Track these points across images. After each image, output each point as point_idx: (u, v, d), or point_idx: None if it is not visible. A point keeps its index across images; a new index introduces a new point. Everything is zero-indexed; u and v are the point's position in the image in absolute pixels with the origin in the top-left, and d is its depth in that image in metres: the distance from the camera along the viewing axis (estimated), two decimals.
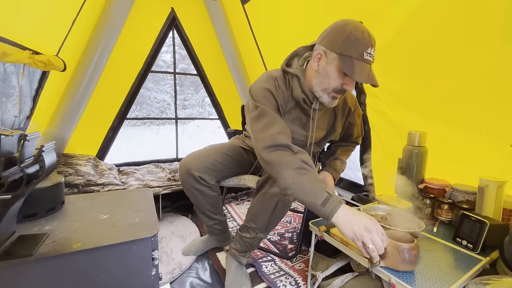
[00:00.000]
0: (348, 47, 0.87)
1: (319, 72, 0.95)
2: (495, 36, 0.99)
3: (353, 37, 0.87)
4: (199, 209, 1.29)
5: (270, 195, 0.99)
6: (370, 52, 0.89)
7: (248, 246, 1.13)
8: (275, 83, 1.00)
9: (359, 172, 1.84)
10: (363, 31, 0.88)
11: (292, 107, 1.05)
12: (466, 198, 1.11)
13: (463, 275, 0.76)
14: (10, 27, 1.27)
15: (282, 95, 1.00)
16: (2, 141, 0.63)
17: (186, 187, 1.22)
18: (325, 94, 0.97)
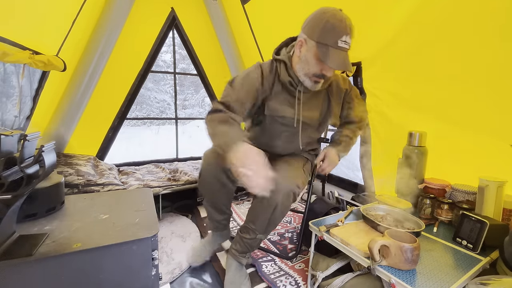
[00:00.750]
0: (325, 35, 0.94)
1: (301, 58, 1.05)
2: (495, 35, 0.99)
3: (330, 25, 0.93)
4: (214, 203, 1.21)
5: (270, 197, 0.99)
6: (345, 40, 0.95)
7: (248, 247, 1.14)
8: (258, 71, 1.10)
9: (359, 172, 1.84)
10: (340, 19, 0.94)
11: (280, 90, 1.14)
12: (466, 198, 1.11)
13: (463, 275, 0.76)
14: (10, 27, 1.27)
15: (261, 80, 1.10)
16: (2, 141, 0.63)
17: (209, 178, 1.13)
18: (307, 79, 1.07)
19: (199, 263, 1.28)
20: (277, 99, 1.14)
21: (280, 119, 1.17)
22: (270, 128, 1.20)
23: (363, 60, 1.54)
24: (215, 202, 1.22)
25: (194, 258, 1.29)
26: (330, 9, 0.96)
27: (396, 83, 1.42)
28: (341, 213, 1.21)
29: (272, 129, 1.20)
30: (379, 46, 1.42)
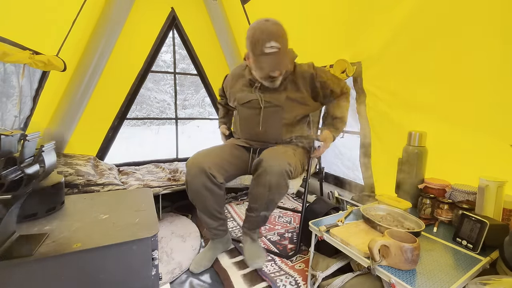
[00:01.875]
0: (253, 47, 1.15)
1: (252, 67, 1.26)
2: (495, 35, 0.99)
3: (255, 39, 1.13)
4: (206, 210, 1.26)
5: (262, 179, 1.15)
6: (270, 45, 1.12)
7: (256, 223, 1.31)
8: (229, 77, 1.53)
9: (359, 172, 1.84)
10: (262, 31, 1.13)
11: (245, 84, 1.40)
12: (466, 198, 1.11)
13: (463, 275, 0.76)
14: (10, 27, 1.27)
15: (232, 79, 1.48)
16: (2, 141, 0.63)
17: (195, 187, 1.20)
18: (263, 80, 1.27)
19: (200, 270, 1.28)
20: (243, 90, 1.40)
21: (248, 104, 1.36)
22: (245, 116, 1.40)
23: (363, 60, 1.55)
24: (207, 210, 1.26)
25: (195, 266, 1.29)
26: (255, 23, 1.16)
27: (396, 83, 1.42)
28: (341, 213, 1.21)
29: (247, 116, 1.39)
30: (379, 46, 1.42)
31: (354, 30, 1.53)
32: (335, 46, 1.70)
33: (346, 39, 1.62)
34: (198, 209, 1.28)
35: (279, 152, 1.25)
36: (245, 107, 1.38)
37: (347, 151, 2.06)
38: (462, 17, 1.07)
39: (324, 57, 1.77)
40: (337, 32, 1.66)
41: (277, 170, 1.14)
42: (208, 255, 1.34)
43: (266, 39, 1.11)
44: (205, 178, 1.19)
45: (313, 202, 1.47)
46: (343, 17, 1.56)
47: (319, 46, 1.84)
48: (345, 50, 1.63)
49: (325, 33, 1.72)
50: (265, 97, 1.33)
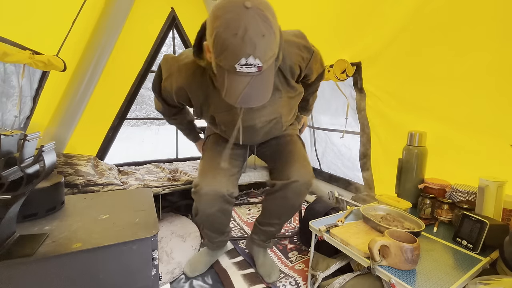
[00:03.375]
0: (218, 54, 0.65)
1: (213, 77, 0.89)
2: (495, 35, 0.99)
3: (221, 43, 0.62)
4: (216, 230, 1.19)
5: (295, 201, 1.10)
6: (247, 62, 0.63)
7: (272, 235, 1.27)
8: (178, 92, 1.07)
9: (359, 172, 1.84)
10: (235, 33, 0.60)
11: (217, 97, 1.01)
12: (466, 198, 1.11)
13: (463, 275, 0.76)
14: (10, 27, 1.27)
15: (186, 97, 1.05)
16: (2, 141, 0.63)
17: (208, 212, 1.06)
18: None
19: (195, 275, 1.25)
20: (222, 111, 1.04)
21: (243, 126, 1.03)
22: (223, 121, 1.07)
23: (363, 60, 1.55)
24: (218, 229, 1.20)
25: (191, 270, 1.25)
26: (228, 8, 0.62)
27: (396, 83, 1.42)
28: (341, 213, 1.21)
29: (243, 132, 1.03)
30: (379, 46, 1.42)
31: (354, 30, 1.53)
32: (335, 46, 1.70)
33: (346, 39, 1.62)
34: (206, 228, 1.20)
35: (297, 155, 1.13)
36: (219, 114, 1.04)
37: (347, 151, 2.05)
38: (462, 17, 1.07)
39: (324, 57, 1.76)
40: (337, 32, 1.66)
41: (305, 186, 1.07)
42: (205, 261, 1.29)
43: (240, 51, 0.62)
44: (222, 202, 1.05)
45: (313, 202, 1.47)
46: (343, 17, 1.56)
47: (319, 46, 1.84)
48: (345, 50, 1.63)
49: (325, 33, 1.72)
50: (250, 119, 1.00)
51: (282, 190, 1.08)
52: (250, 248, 1.37)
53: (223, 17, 0.62)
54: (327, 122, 2.14)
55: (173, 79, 0.94)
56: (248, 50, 0.62)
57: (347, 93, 1.75)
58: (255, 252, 1.31)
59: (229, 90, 0.69)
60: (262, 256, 1.29)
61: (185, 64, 0.91)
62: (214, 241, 1.26)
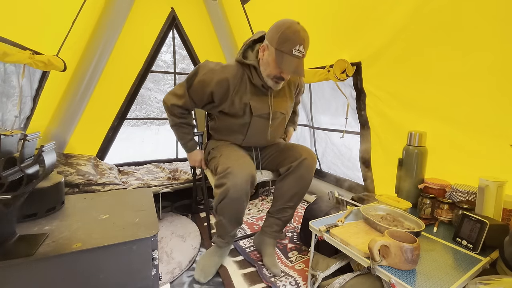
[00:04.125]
0: (281, 44, 1.07)
1: (263, 61, 1.17)
2: (495, 35, 0.99)
3: (285, 36, 1.07)
4: (235, 218, 1.19)
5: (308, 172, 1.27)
6: (298, 48, 1.07)
7: (286, 222, 1.37)
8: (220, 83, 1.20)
9: (359, 172, 1.85)
10: (294, 31, 1.07)
11: (254, 91, 1.26)
12: (466, 198, 1.11)
13: (463, 275, 0.76)
14: (10, 27, 1.27)
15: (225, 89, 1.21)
16: (2, 141, 0.63)
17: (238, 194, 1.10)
18: (269, 79, 1.19)
19: (208, 279, 1.21)
20: (255, 100, 1.26)
21: (264, 115, 1.29)
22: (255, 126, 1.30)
23: (363, 60, 1.55)
24: (237, 217, 1.19)
25: (202, 275, 1.21)
26: (289, 21, 1.09)
27: (396, 83, 1.42)
28: (341, 213, 1.21)
29: (257, 126, 1.31)
30: (379, 46, 1.42)
31: (354, 30, 1.53)
32: (335, 46, 1.70)
33: (346, 39, 1.62)
34: (225, 218, 1.17)
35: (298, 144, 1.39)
36: (257, 118, 1.27)
37: (347, 151, 2.05)
38: (463, 17, 1.07)
39: (324, 57, 1.77)
40: (337, 32, 1.66)
41: (314, 162, 1.30)
42: (214, 262, 1.25)
43: (297, 41, 1.06)
44: (250, 184, 1.13)
45: (313, 202, 1.47)
46: (343, 17, 1.56)
47: (319, 46, 1.84)
48: (345, 50, 1.63)
49: (325, 33, 1.72)
50: (275, 107, 1.29)
51: (296, 168, 1.27)
52: (260, 241, 1.40)
53: (286, 25, 1.08)
54: (327, 122, 2.14)
55: (216, 73, 1.20)
56: (301, 42, 1.07)
57: (347, 93, 1.75)
58: (266, 244, 1.36)
59: (286, 65, 1.09)
60: (272, 248, 1.35)
61: (229, 65, 1.25)
62: (228, 235, 1.24)
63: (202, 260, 1.26)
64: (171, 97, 1.31)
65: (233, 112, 1.25)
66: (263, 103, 1.27)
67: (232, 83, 1.20)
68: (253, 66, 1.21)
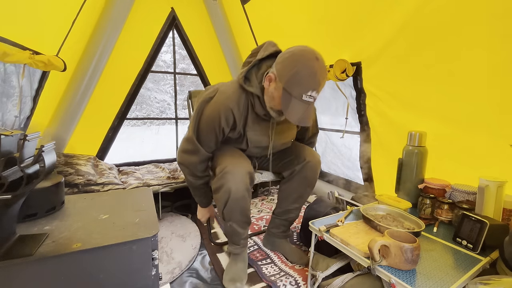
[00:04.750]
0: (291, 85, 0.93)
1: (268, 92, 1.04)
2: (495, 35, 0.99)
3: (299, 78, 0.91)
4: (244, 216, 1.13)
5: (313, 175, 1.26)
6: (311, 94, 0.94)
7: (293, 221, 1.37)
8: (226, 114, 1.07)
9: (359, 172, 1.85)
10: (311, 74, 0.91)
11: (254, 120, 1.15)
12: (466, 198, 1.11)
13: (463, 275, 0.76)
14: (10, 27, 1.27)
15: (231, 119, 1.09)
16: (2, 141, 0.63)
17: (240, 194, 1.07)
18: (272, 111, 1.07)
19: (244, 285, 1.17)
20: (255, 130, 1.17)
21: (260, 148, 1.24)
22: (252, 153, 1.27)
23: (363, 60, 1.55)
24: (245, 215, 1.14)
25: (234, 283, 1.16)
26: (307, 55, 0.93)
27: (396, 83, 1.42)
28: (341, 213, 1.21)
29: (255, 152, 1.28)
30: (379, 46, 1.42)
31: (354, 30, 1.53)
32: (335, 46, 1.70)
33: (346, 39, 1.62)
34: (234, 221, 1.13)
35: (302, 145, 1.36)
36: (254, 148, 1.22)
37: (347, 151, 2.05)
38: (462, 17, 1.07)
39: (324, 57, 1.76)
40: (337, 32, 1.66)
41: (318, 164, 1.28)
42: (241, 267, 1.20)
43: (311, 85, 0.92)
44: (249, 180, 1.09)
45: (313, 202, 1.47)
46: (343, 17, 1.56)
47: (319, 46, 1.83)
48: (345, 50, 1.63)
49: (325, 33, 1.72)
50: (275, 140, 1.21)
51: (301, 170, 1.26)
52: (271, 244, 1.43)
53: (303, 62, 0.92)
54: (327, 122, 2.14)
55: (219, 104, 1.07)
56: (315, 87, 0.93)
57: (347, 93, 1.75)
58: (279, 244, 1.38)
59: (291, 111, 0.95)
60: (288, 245, 1.37)
61: (229, 90, 1.09)
62: (241, 238, 1.20)
63: (228, 273, 1.19)
64: (186, 157, 1.16)
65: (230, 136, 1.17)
66: (263, 135, 1.18)
67: (237, 114, 1.09)
68: (256, 95, 1.08)
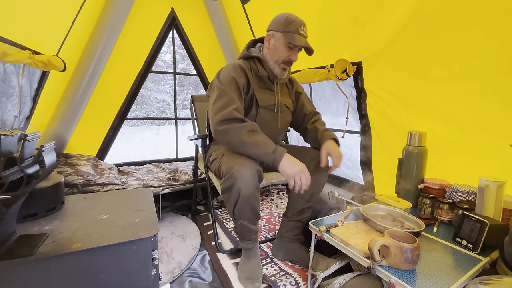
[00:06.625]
0: (288, 25, 1.17)
1: (271, 49, 1.23)
2: (495, 35, 0.99)
3: (290, 19, 1.17)
4: (255, 213, 1.12)
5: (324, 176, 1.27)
6: (303, 28, 1.18)
7: (306, 222, 1.27)
8: (239, 71, 1.21)
9: (359, 172, 1.85)
10: (295, 16, 1.19)
11: (259, 83, 1.28)
12: (466, 198, 1.11)
13: (463, 275, 0.76)
14: (10, 27, 1.27)
15: (245, 79, 1.22)
16: (2, 141, 0.63)
17: (249, 192, 1.04)
18: (277, 66, 1.23)
19: (261, 284, 1.17)
20: (261, 92, 1.27)
21: (270, 107, 1.28)
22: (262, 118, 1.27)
23: (364, 60, 1.55)
24: (256, 212, 1.12)
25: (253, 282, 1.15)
26: (286, 12, 1.21)
27: (396, 83, 1.42)
28: (341, 213, 1.21)
29: (264, 119, 1.28)
30: (379, 46, 1.42)
31: (354, 30, 1.53)
32: (335, 46, 1.70)
33: (347, 39, 1.62)
34: (245, 219, 1.11)
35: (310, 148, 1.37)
36: (264, 109, 1.26)
37: (347, 151, 2.05)
38: (462, 17, 1.07)
39: (325, 57, 1.77)
40: (337, 32, 1.66)
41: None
42: (255, 264, 1.20)
43: (300, 22, 1.17)
44: (258, 177, 1.06)
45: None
46: (344, 17, 1.56)
47: (320, 46, 1.84)
48: (345, 49, 1.63)
49: (326, 33, 1.72)
50: (282, 98, 1.32)
51: (313, 170, 1.20)
52: (284, 250, 1.34)
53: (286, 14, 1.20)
54: (328, 122, 2.12)
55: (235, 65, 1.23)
56: (303, 23, 1.19)
57: (347, 92, 1.75)
58: (294, 250, 1.32)
59: (298, 41, 1.15)
60: (304, 251, 1.29)
61: (238, 63, 1.25)
62: (253, 234, 1.19)
63: (244, 271, 1.19)
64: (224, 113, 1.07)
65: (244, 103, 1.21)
66: (269, 95, 1.28)
67: (248, 74, 1.23)
68: (257, 58, 1.26)
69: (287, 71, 1.28)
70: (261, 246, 1.50)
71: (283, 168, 1.02)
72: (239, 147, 1.06)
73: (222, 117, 1.06)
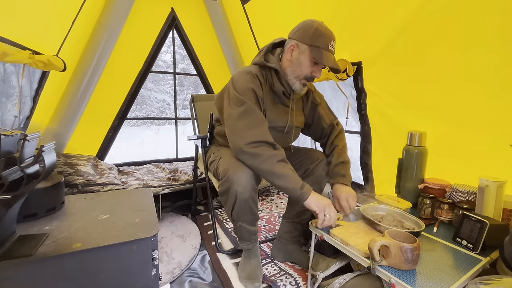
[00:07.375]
0: (316, 39, 1.03)
1: (293, 62, 1.09)
2: (495, 35, 0.99)
3: (319, 32, 1.04)
4: (253, 214, 1.11)
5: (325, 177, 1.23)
6: (332, 44, 1.06)
7: (306, 223, 1.27)
8: (257, 82, 1.10)
9: (359, 172, 1.85)
10: (325, 28, 1.06)
11: (272, 99, 1.17)
12: (466, 198, 1.11)
13: (463, 275, 0.76)
14: (10, 27, 1.27)
15: (261, 91, 1.10)
16: (2, 141, 0.63)
17: (247, 195, 1.04)
18: (297, 81, 1.11)
19: (261, 283, 1.17)
20: (272, 110, 1.15)
21: (279, 128, 1.18)
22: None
23: (364, 60, 1.55)
24: (254, 213, 1.12)
25: (253, 281, 1.15)
26: (315, 20, 1.08)
27: (396, 83, 1.42)
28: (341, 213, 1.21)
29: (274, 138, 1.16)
30: (380, 45, 1.42)
31: (354, 30, 1.53)
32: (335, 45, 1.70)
33: (347, 39, 1.62)
34: (244, 221, 1.11)
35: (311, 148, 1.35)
36: (272, 129, 1.10)
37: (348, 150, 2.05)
38: (462, 17, 1.07)
39: None
40: (337, 32, 1.65)
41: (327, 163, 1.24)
42: (255, 263, 1.20)
43: (330, 36, 1.04)
44: (256, 179, 1.06)
45: None
46: (344, 17, 1.56)
47: None
48: (345, 49, 1.63)
49: None
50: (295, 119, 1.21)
51: (316, 168, 1.23)
52: (282, 252, 1.33)
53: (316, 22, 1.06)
54: None
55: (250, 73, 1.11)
56: (333, 37, 1.06)
57: (347, 92, 1.75)
58: (293, 252, 1.31)
59: (326, 59, 1.03)
60: (303, 253, 1.29)
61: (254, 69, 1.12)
62: (253, 234, 1.18)
63: (244, 270, 1.19)
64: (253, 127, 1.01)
65: None
66: (280, 116, 1.17)
67: (262, 82, 1.11)
68: (274, 70, 1.12)
69: (306, 86, 1.15)
70: (261, 246, 1.50)
71: (311, 204, 0.98)
72: (267, 175, 0.99)
73: (254, 138, 0.99)
